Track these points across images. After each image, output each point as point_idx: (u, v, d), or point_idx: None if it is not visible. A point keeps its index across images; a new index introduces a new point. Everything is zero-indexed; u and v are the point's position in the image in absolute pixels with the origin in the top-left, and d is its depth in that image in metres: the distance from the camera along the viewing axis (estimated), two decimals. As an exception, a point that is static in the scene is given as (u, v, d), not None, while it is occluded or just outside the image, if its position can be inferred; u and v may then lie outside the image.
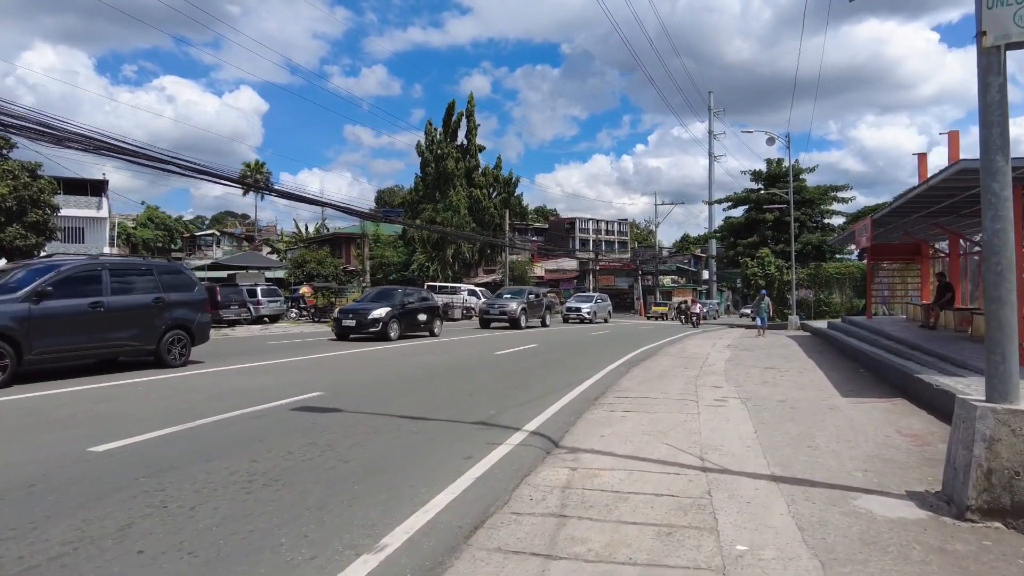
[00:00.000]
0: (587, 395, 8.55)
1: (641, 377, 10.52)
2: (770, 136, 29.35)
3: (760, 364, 12.64)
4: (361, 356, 13.53)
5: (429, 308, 20.12)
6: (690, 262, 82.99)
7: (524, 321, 25.55)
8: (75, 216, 44.90)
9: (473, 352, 14.80)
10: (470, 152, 50.44)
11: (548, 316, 28.55)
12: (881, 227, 15.51)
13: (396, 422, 6.40)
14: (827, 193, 42.65)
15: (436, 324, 20.27)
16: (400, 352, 14.62)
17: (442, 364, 12.02)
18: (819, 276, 39.76)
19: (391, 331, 17.52)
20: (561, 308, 36.34)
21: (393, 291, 19.78)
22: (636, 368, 11.94)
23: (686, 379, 10.28)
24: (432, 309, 20.31)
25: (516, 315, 25.15)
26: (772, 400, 8.10)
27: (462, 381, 9.44)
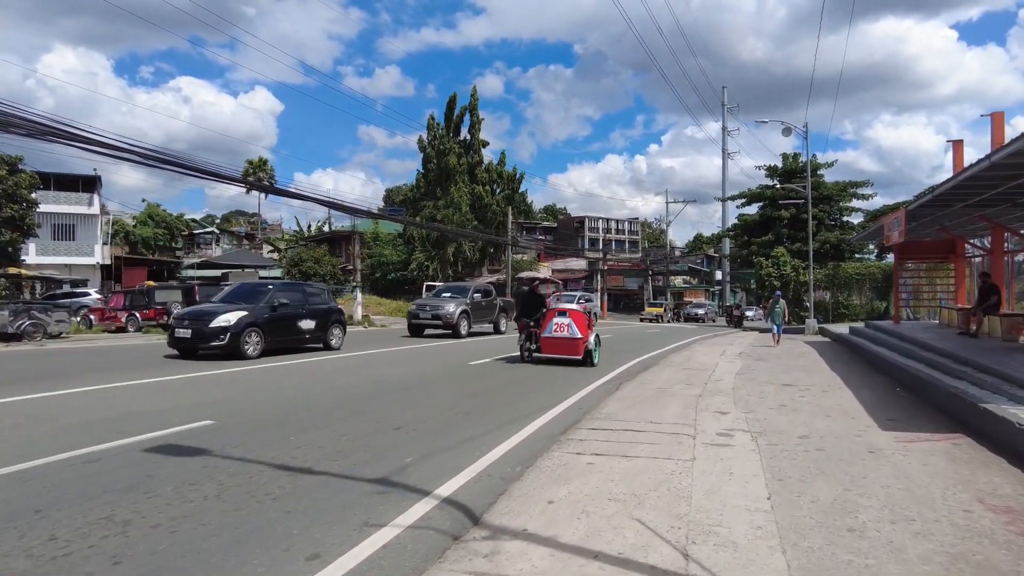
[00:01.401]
0: (556, 424, 6.75)
1: (632, 397, 8.69)
2: (786, 126, 27.37)
3: (776, 379, 10.76)
4: (304, 367, 11.80)
5: (319, 312, 14.67)
6: (703, 262, 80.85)
7: (466, 327, 20.13)
8: (66, 213, 43.68)
9: (445, 363, 13.02)
10: (473, 148, 48.66)
11: (505, 321, 22.84)
12: (915, 220, 13.57)
13: (266, 475, 4.63)
14: (846, 189, 40.47)
15: (335, 335, 15.06)
16: (362, 362, 12.87)
17: (399, 378, 10.24)
18: (837, 277, 37.55)
19: (246, 345, 12.53)
20: None
21: (261, 287, 14.63)
22: (629, 383, 10.11)
23: (686, 400, 8.44)
24: (325, 314, 14.93)
25: (454, 319, 19.51)
26: (792, 435, 6.26)
27: (404, 406, 7.65)
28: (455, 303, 20.22)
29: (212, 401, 7.74)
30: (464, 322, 20.05)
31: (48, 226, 43.36)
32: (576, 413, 7.44)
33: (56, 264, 42.73)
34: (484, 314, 21.94)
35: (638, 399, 8.49)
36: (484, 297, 22.33)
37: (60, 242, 43.68)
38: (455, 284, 25.75)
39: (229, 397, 8.11)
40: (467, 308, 20.38)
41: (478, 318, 21.35)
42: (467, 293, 21.37)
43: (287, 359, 12.80)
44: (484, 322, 22.05)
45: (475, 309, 21.00)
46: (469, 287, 22.16)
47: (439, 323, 19.75)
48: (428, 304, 20.64)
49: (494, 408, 7.61)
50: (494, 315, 22.69)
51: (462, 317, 19.91)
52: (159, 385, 8.96)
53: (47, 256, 42.93)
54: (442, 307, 19.97)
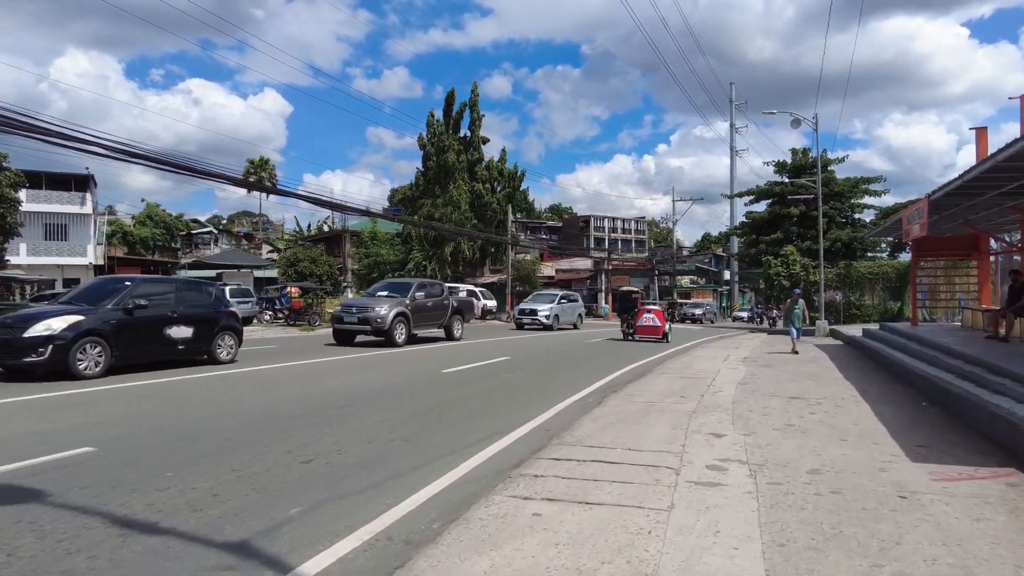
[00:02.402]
0: (511, 454, 5.55)
1: (614, 414, 7.48)
2: (795, 118, 26.03)
3: (782, 390, 9.51)
4: (240, 378, 10.64)
5: (198, 317, 11.46)
6: (711, 262, 79.35)
7: (403, 333, 16.53)
8: (58, 212, 42.84)
9: (415, 370, 11.84)
10: (473, 145, 47.48)
11: (460, 325, 19.56)
12: (937, 212, 12.27)
13: (92, 533, 3.46)
14: (857, 186, 39.05)
15: (224, 345, 11.93)
16: (316, 371, 11.71)
17: (348, 391, 9.04)
18: (849, 276, 36.06)
19: (80, 360, 9.45)
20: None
21: (117, 284, 11.09)
22: (615, 396, 8.90)
23: (676, 418, 7.22)
24: (208, 319, 11.69)
25: (385, 324, 15.93)
26: (800, 469, 5.03)
27: (332, 429, 6.41)
28: (389, 304, 16.58)
29: (100, 422, 6.59)
30: (401, 327, 16.51)
31: (40, 226, 42.62)
32: (541, 437, 6.24)
33: (48, 265, 41.93)
34: (431, 317, 18.37)
35: (620, 417, 7.27)
36: (431, 296, 18.55)
37: (52, 242, 42.88)
38: (397, 281, 22.17)
39: (123, 418, 6.96)
40: (405, 310, 16.76)
41: (423, 321, 17.90)
42: (408, 291, 17.64)
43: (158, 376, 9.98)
44: (431, 326, 18.58)
45: (418, 311, 17.45)
46: (412, 284, 18.44)
47: (367, 328, 16.22)
48: (355, 305, 17.09)
49: (443, 430, 6.40)
50: (445, 318, 19.03)
51: (397, 321, 16.37)
52: (44, 403, 7.82)
53: (39, 256, 42.14)
54: (371, 309, 16.30)
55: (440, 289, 19.66)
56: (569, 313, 29.52)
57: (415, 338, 17.85)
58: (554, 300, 28.98)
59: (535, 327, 27.00)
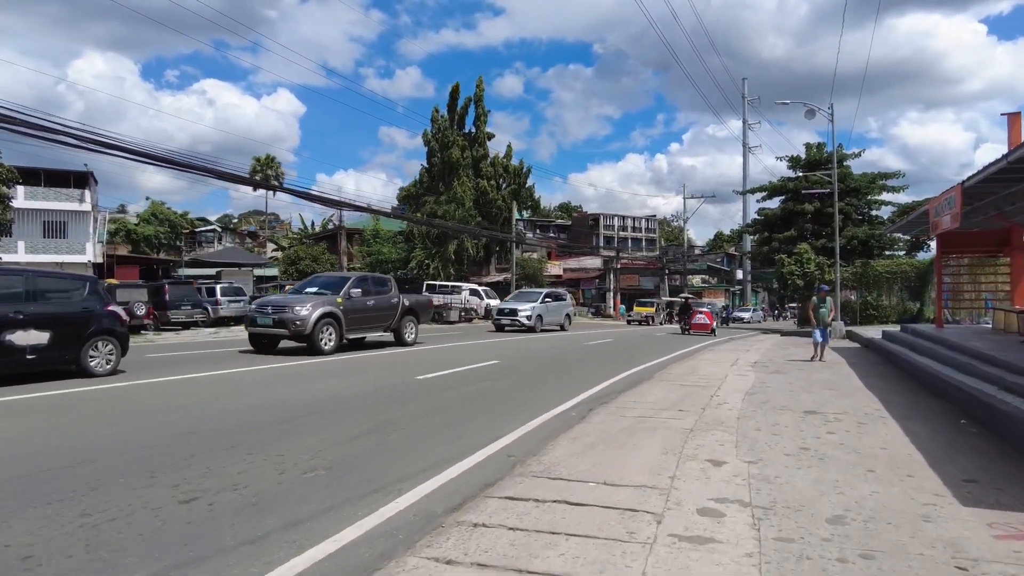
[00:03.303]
0: (454, 490, 4.46)
1: (596, 432, 6.37)
2: (810, 108, 24.73)
3: (795, 402, 8.35)
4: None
5: (58, 320, 9.28)
6: (723, 261, 77.93)
7: (331, 339, 13.68)
8: (57, 210, 42.25)
9: (394, 374, 10.78)
10: (478, 141, 46.43)
11: (413, 327, 16.81)
12: (969, 202, 11.04)
13: None
14: (874, 181, 37.55)
15: (96, 354, 9.66)
16: (274, 378, 10.68)
17: (310, 400, 8.00)
18: (866, 275, 34.53)
19: None
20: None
21: None
22: (604, 409, 7.79)
23: (669, 438, 6.11)
24: (73, 322, 9.46)
25: (307, 327, 13.10)
26: (818, 517, 3.91)
27: (259, 450, 5.34)
28: (314, 303, 13.56)
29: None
30: (328, 331, 13.60)
31: (38, 223, 42.11)
32: (502, 465, 5.14)
33: (47, 262, 41.31)
34: (374, 318, 15.34)
35: (603, 436, 6.17)
36: (372, 293, 15.45)
37: (51, 240, 42.35)
38: (331, 275, 18.56)
39: (54, 440, 5.93)
40: (334, 311, 13.85)
41: (362, 324, 14.97)
42: (342, 288, 14.65)
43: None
44: (375, 329, 15.61)
45: (354, 312, 14.50)
46: (348, 279, 15.38)
47: (283, 332, 13.33)
48: (271, 304, 14.19)
49: (382, 455, 5.32)
50: (392, 319, 15.91)
51: (323, 324, 13.43)
52: None
53: (37, 254, 41.59)
54: (290, 308, 13.33)
55: (386, 285, 16.59)
56: (555, 313, 27.51)
57: (362, 343, 15.93)
58: (537, 299, 26.86)
59: (516, 328, 24.97)
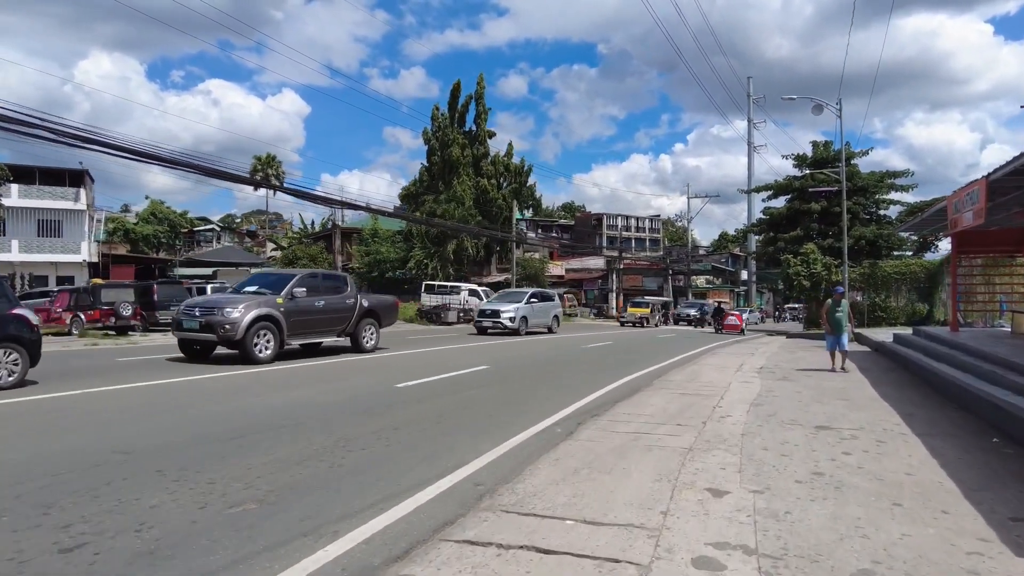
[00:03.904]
0: (401, 534, 3.74)
1: (583, 453, 5.66)
2: (817, 103, 23.96)
3: (805, 415, 7.61)
4: (148, 393, 8.93)
5: None
6: (727, 261, 77.09)
7: (268, 345, 12.00)
8: (51, 208, 41.67)
9: (372, 382, 10.07)
10: (479, 139, 45.73)
11: (373, 332, 14.86)
12: (992, 198, 10.27)
13: None
14: (883, 180, 36.67)
15: (8, 367, 8.62)
16: (240, 386, 9.98)
17: (270, 412, 7.30)
18: (874, 276, 33.70)
19: None
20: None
21: None
22: (594, 423, 7.07)
23: (665, 461, 5.39)
24: None
25: (237, 331, 11.48)
26: (840, 571, 3.19)
27: (193, 474, 4.67)
28: (247, 304, 11.90)
29: None
30: (265, 336, 11.93)
31: (32, 222, 41.55)
32: (466, 496, 4.42)
33: (41, 262, 40.82)
34: (324, 321, 13.53)
35: (589, 458, 5.45)
36: (322, 293, 13.60)
37: (45, 239, 41.77)
38: (273, 272, 16.16)
39: None
40: (273, 313, 12.15)
41: (310, 328, 13.20)
42: (284, 286, 12.88)
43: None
44: (326, 333, 13.76)
45: (298, 314, 12.73)
46: (292, 277, 13.44)
47: (212, 337, 11.74)
48: (199, 305, 12.43)
49: (327, 485, 4.58)
50: (348, 323, 14.09)
51: (258, 328, 11.78)
52: None
53: (31, 253, 41.08)
54: (219, 310, 11.74)
55: (341, 284, 14.71)
56: (541, 314, 25.87)
57: (318, 349, 14.37)
58: (522, 299, 25.21)
59: (499, 331, 23.52)
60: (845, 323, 12.48)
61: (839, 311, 12.55)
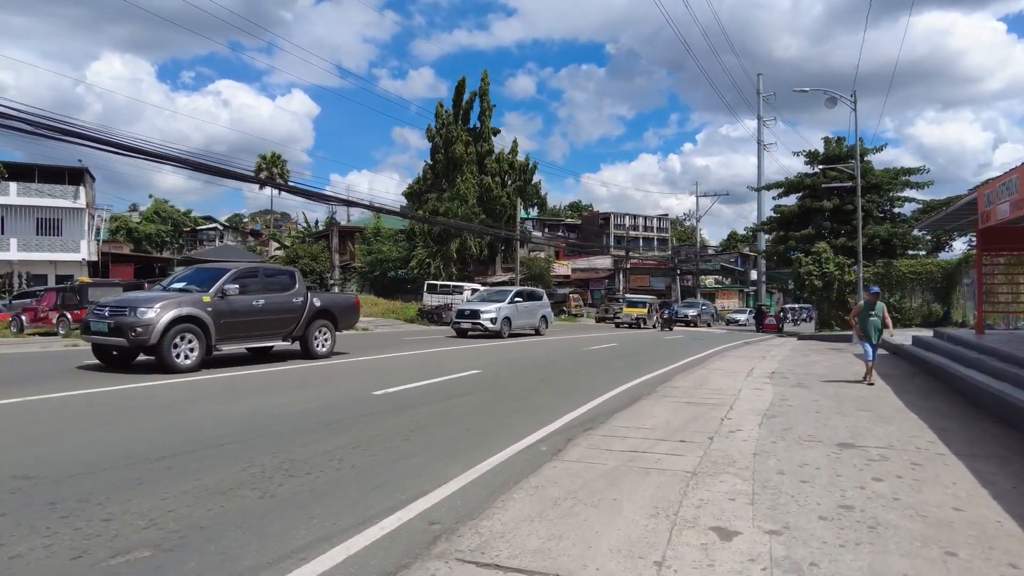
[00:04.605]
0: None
1: (568, 479, 4.84)
2: (831, 95, 22.99)
3: (826, 431, 6.74)
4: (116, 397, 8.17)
5: None
6: (737, 261, 75.91)
7: (190, 351, 10.34)
8: (50, 207, 41.17)
9: (349, 390, 9.28)
10: (483, 136, 44.93)
11: (327, 335, 13.16)
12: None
13: None
14: (897, 177, 35.60)
15: None
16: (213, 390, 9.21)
17: (221, 424, 6.51)
18: (889, 276, 32.64)
19: None
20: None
21: None
22: (586, 439, 6.25)
23: (663, 489, 4.57)
24: None
25: (151, 335, 9.84)
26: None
27: (97, 507, 3.92)
28: (164, 304, 10.25)
29: None
30: (189, 340, 10.31)
31: (31, 220, 41.09)
32: (416, 539, 3.60)
33: (40, 260, 40.36)
34: (263, 324, 11.81)
35: (575, 486, 4.62)
36: (261, 292, 11.86)
37: (44, 237, 41.33)
38: (207, 268, 13.04)
39: None
40: (198, 313, 10.49)
41: (246, 330, 11.48)
42: (212, 284, 11.13)
43: None
44: (268, 337, 12.07)
45: (231, 316, 11.07)
46: (225, 272, 11.54)
47: (122, 341, 10.08)
48: (110, 305, 10.72)
49: (248, 522, 3.76)
50: (295, 325, 12.45)
51: (178, 331, 10.15)
52: None
53: (30, 252, 40.60)
54: (132, 310, 10.11)
55: (287, 280, 12.74)
56: (527, 315, 23.68)
57: (265, 355, 12.79)
58: (505, 298, 23.02)
59: (479, 333, 21.52)
60: (878, 329, 10.68)
61: (873, 315, 10.66)
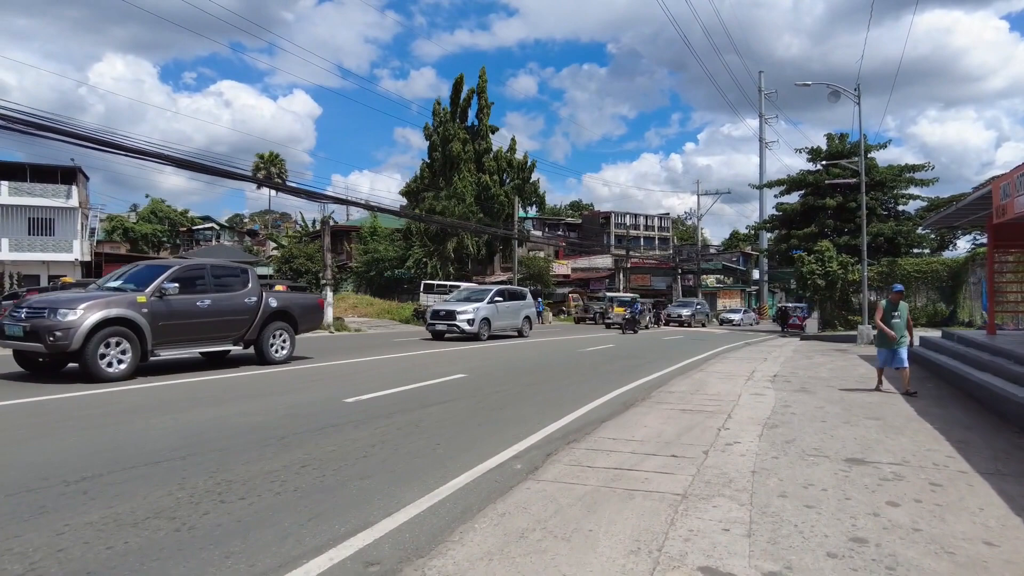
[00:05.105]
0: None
1: (543, 502, 4.25)
2: (833, 89, 22.34)
3: (832, 443, 6.14)
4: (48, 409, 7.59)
5: None
6: (739, 260, 75.20)
7: (123, 357, 9.26)
8: (43, 206, 40.65)
9: (320, 396, 8.69)
10: (481, 134, 44.36)
11: (285, 339, 12.03)
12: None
13: None
14: (901, 174, 34.97)
15: None
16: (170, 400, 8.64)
17: (166, 435, 5.93)
18: (893, 275, 31.98)
19: None
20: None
21: None
22: (567, 454, 5.67)
23: (647, 517, 3.98)
24: None
25: (71, 340, 8.77)
26: None
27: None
28: (89, 304, 9.16)
29: None
30: (120, 345, 9.22)
31: (23, 220, 40.59)
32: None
33: (32, 261, 39.87)
34: (209, 327, 10.68)
35: (547, 513, 4.04)
36: (208, 291, 10.73)
37: (37, 237, 40.82)
38: (147, 265, 11.65)
39: None
40: (131, 315, 9.39)
41: (184, 335, 10.29)
42: (152, 282, 9.98)
43: None
44: (216, 341, 10.90)
45: (167, 317, 9.91)
46: (164, 269, 10.42)
47: (39, 346, 8.99)
48: (30, 306, 9.51)
49: (146, 564, 3.21)
50: (247, 328, 11.36)
51: (105, 335, 9.08)
52: None
53: (22, 252, 40.11)
54: (52, 312, 9.03)
55: (237, 278, 11.46)
56: (508, 315, 21.84)
57: (222, 360, 11.70)
58: (484, 298, 21.27)
59: (457, 336, 19.88)
60: (904, 332, 9.61)
61: (896, 316, 9.61)
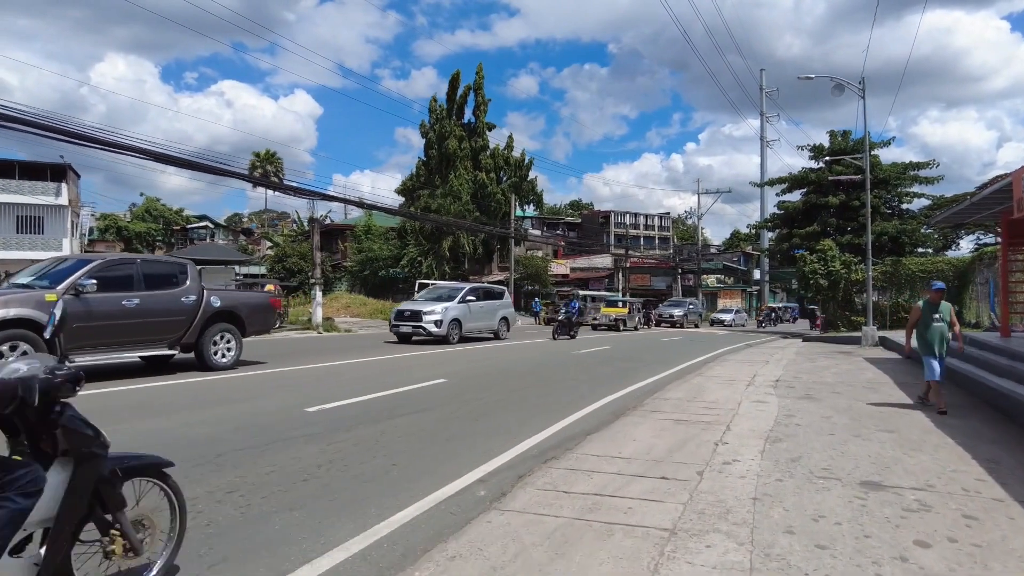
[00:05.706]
0: None
1: (503, 542, 3.56)
2: (837, 83, 21.63)
3: (843, 462, 5.42)
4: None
5: None
6: (740, 260, 74.49)
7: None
8: (31, 204, 39.99)
9: (278, 403, 8.00)
10: (477, 131, 43.68)
11: (231, 342, 10.84)
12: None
13: None
14: (905, 172, 34.26)
15: None
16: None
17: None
18: (897, 274, 31.24)
19: None
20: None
21: None
22: (545, 474, 4.98)
23: (629, 559, 3.28)
24: None
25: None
26: None
27: None
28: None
29: None
30: (28, 349, 7.96)
31: (11, 218, 39.94)
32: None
33: (20, 259, 39.14)
34: (139, 328, 9.47)
35: (508, 554, 3.34)
36: (138, 289, 9.51)
37: (25, 235, 40.17)
38: (69, 259, 10.17)
39: None
40: (33, 316, 8.11)
41: (107, 337, 9.05)
42: (67, 276, 8.75)
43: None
44: (149, 344, 9.77)
45: (83, 319, 8.56)
46: (84, 264, 9.16)
47: None
48: None
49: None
50: (185, 330, 10.13)
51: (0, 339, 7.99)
52: None
53: (10, 250, 39.39)
54: None
55: (173, 275, 10.16)
56: (482, 316, 20.11)
57: (167, 364, 10.75)
58: (455, 297, 19.44)
59: (424, 339, 18.20)
60: (946, 337, 7.90)
61: (937, 318, 7.91)
